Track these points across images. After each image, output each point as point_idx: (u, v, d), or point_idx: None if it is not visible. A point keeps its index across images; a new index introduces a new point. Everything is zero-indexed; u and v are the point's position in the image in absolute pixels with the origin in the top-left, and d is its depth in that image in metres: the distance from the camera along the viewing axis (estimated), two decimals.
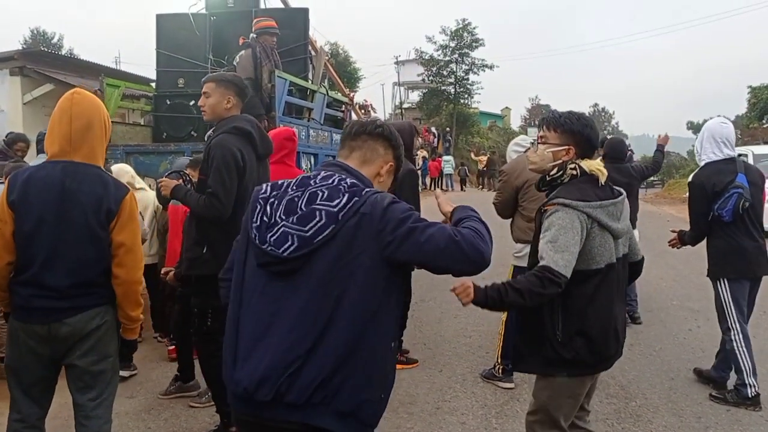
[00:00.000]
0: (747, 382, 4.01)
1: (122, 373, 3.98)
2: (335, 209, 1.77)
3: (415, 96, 46.53)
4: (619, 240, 2.48)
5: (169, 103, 7.32)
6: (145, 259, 3.20)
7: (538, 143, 2.58)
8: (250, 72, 6.27)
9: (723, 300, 4.12)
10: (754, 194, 4.09)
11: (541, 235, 2.38)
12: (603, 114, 63.33)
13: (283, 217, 1.81)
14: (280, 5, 8.38)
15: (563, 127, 2.50)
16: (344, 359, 1.73)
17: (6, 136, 6.75)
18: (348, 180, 1.85)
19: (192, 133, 7.24)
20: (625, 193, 2.56)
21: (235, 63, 6.54)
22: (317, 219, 1.76)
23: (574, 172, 2.46)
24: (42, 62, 10.66)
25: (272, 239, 1.79)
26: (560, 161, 2.50)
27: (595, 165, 2.49)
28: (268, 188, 1.92)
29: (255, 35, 6.60)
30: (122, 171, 5.05)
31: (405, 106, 45.99)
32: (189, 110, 7.24)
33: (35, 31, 37.50)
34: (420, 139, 30.63)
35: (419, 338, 5.57)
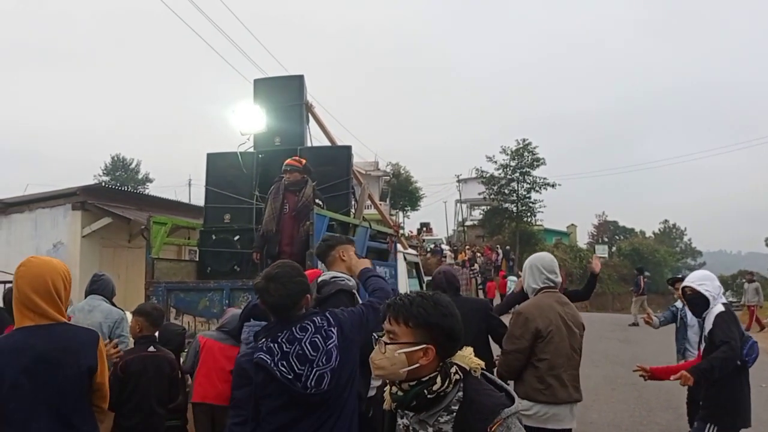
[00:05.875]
0: None
1: None
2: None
3: (477, 213, 46.71)
4: None
5: (214, 238, 7.45)
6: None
7: (384, 342, 2.01)
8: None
9: None
10: None
11: None
12: (674, 230, 61.09)
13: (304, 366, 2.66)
14: (327, 143, 8.61)
15: (417, 319, 1.97)
16: None
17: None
18: (319, 318, 2.81)
19: (235, 267, 7.28)
20: None
21: None
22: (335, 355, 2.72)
23: (458, 376, 1.98)
24: (102, 197, 11.31)
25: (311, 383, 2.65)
26: (417, 365, 1.95)
27: (469, 359, 2.03)
28: (266, 356, 2.65)
29: (281, 175, 6.77)
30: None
31: (468, 223, 46.12)
32: (233, 245, 7.34)
33: (116, 158, 40.50)
34: (481, 256, 30.48)
35: None
